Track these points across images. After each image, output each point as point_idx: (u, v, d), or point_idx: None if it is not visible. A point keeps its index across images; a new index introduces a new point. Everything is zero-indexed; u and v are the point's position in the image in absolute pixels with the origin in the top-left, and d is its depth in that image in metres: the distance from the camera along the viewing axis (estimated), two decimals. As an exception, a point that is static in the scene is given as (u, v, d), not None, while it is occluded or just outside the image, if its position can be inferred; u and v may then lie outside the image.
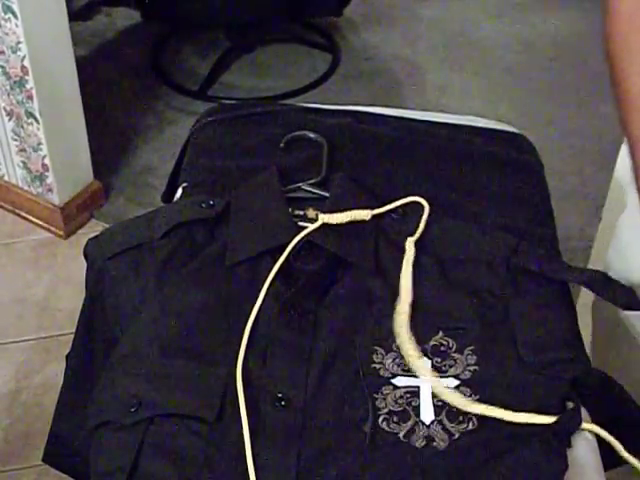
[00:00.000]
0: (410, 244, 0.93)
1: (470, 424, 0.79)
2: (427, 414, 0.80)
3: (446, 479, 0.76)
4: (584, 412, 0.85)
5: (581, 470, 0.82)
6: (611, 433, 0.83)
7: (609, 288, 0.91)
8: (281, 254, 0.90)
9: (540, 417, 0.80)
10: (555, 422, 0.80)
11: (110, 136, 2.36)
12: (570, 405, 0.83)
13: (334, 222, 0.93)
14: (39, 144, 1.94)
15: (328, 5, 2.63)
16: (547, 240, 1.01)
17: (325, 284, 0.90)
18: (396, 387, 0.82)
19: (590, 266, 1.26)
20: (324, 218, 0.93)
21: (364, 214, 0.95)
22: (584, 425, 0.82)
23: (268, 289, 0.89)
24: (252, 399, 0.80)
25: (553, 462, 0.78)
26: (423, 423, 0.79)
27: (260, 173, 1.02)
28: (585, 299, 1.13)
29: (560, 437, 0.79)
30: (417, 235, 0.94)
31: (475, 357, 0.84)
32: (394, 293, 0.89)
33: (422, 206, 0.97)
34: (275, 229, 0.94)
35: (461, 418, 0.80)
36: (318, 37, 2.78)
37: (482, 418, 0.80)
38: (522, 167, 1.11)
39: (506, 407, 0.81)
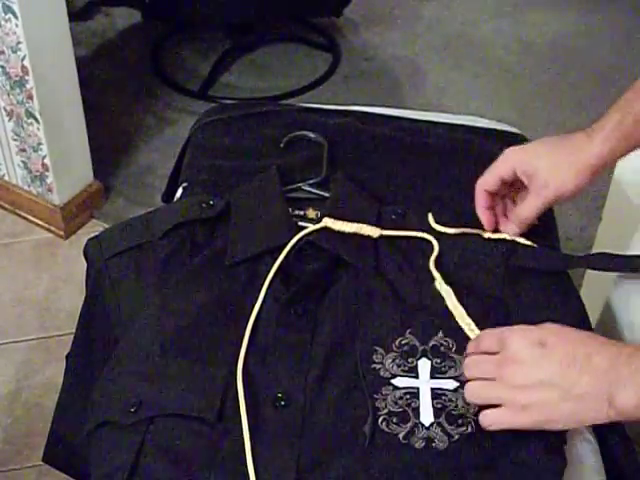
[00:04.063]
0: (437, 277, 0.91)
1: (469, 427, 0.79)
2: (427, 416, 0.80)
3: (446, 479, 0.76)
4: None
5: (581, 470, 0.82)
6: None
7: (615, 260, 0.91)
8: (281, 254, 0.91)
9: None
10: None
11: (110, 136, 2.36)
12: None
13: (337, 229, 0.93)
14: (39, 144, 1.94)
15: (328, 5, 2.62)
16: (547, 236, 1.01)
17: (325, 284, 0.90)
18: (396, 388, 0.82)
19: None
20: (327, 222, 0.93)
21: (372, 231, 0.93)
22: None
23: (268, 289, 0.89)
24: (252, 399, 0.81)
25: (552, 460, 0.78)
26: (422, 425, 0.79)
27: (260, 173, 1.02)
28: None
29: (557, 434, 0.79)
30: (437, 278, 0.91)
31: (475, 357, 0.84)
32: (394, 293, 0.89)
33: (432, 245, 0.94)
34: (275, 229, 0.94)
35: (460, 421, 0.79)
36: (318, 37, 2.78)
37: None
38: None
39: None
